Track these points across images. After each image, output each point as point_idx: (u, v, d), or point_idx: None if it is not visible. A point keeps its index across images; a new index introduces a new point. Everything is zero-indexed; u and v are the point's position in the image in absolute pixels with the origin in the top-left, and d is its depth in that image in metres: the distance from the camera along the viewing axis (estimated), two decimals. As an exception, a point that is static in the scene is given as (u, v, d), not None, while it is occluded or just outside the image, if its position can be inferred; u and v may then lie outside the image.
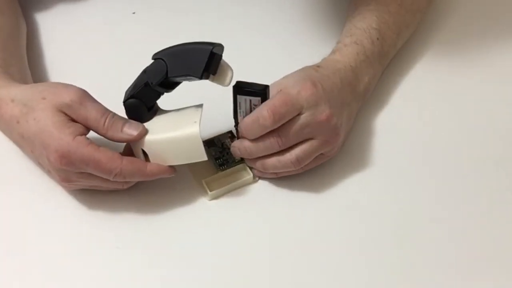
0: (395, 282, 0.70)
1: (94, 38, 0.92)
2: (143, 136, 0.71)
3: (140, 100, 0.71)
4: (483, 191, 0.77)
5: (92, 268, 0.70)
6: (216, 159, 0.77)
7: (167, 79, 0.70)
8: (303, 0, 0.96)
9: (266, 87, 0.72)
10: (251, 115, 0.72)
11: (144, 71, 0.71)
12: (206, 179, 0.76)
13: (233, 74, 0.70)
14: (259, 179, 0.77)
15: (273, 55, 0.90)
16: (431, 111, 0.85)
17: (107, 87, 0.78)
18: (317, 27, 0.93)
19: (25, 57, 0.85)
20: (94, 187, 0.73)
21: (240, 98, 0.73)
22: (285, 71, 0.76)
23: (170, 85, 0.72)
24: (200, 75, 0.68)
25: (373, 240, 0.73)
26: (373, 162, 0.79)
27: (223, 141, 0.79)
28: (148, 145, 0.71)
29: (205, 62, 0.68)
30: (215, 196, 0.75)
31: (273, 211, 0.75)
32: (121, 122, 0.71)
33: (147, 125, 0.72)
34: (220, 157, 0.77)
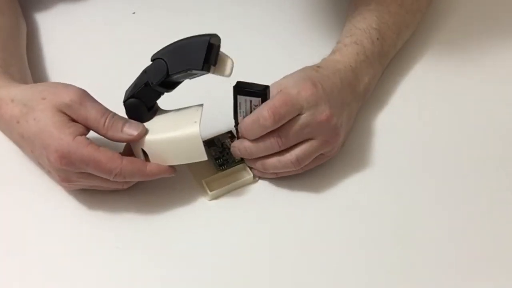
0: (395, 282, 0.70)
1: (94, 38, 0.92)
2: (143, 136, 0.71)
3: (140, 100, 0.71)
4: (483, 191, 0.77)
5: (92, 268, 0.70)
6: (216, 159, 0.77)
7: (168, 78, 0.69)
8: (303, 0, 0.96)
9: (266, 87, 0.72)
10: (251, 115, 0.72)
11: (144, 71, 0.71)
12: (206, 179, 0.76)
13: (233, 63, 0.69)
14: (259, 179, 0.77)
15: (273, 55, 0.90)
16: (431, 111, 0.85)
17: (107, 87, 0.78)
18: (317, 27, 0.93)
19: (25, 57, 0.85)
20: (94, 187, 0.73)
21: (240, 98, 0.73)
22: (285, 71, 0.76)
23: (170, 85, 0.72)
24: (201, 67, 0.67)
25: (373, 240, 0.73)
26: (373, 162, 0.79)
27: (223, 141, 0.79)
28: (148, 145, 0.71)
29: (204, 53, 0.67)
30: (215, 196, 0.75)
31: (273, 211, 0.75)
32: (121, 122, 0.71)
33: (147, 125, 0.72)
34: (220, 157, 0.77)
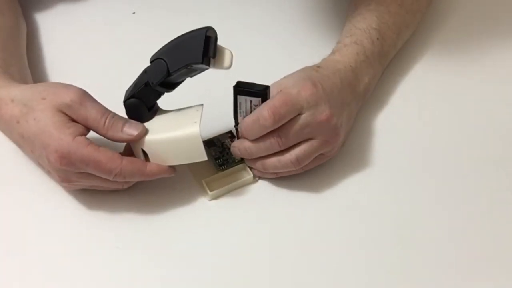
0: (395, 282, 0.70)
1: (94, 38, 0.92)
2: (143, 136, 0.71)
3: (140, 100, 0.71)
4: (483, 191, 0.77)
5: (92, 268, 0.70)
6: (216, 159, 0.77)
7: (169, 77, 0.69)
8: (303, 0, 0.96)
9: (266, 87, 0.72)
10: (251, 115, 0.72)
11: (144, 71, 0.71)
12: (206, 179, 0.76)
13: (232, 54, 0.68)
14: (259, 179, 0.77)
15: (273, 55, 0.90)
16: (431, 111, 0.85)
17: (107, 87, 0.78)
18: (317, 27, 0.93)
19: (25, 57, 0.85)
20: (94, 187, 0.73)
21: (240, 98, 0.73)
22: (285, 71, 0.76)
23: (170, 85, 0.72)
24: (201, 60, 0.67)
25: (373, 240, 0.73)
26: (373, 162, 0.79)
27: (223, 141, 0.79)
28: (148, 145, 0.71)
29: (202, 46, 0.67)
30: (215, 196, 0.75)
31: (273, 211, 0.75)
32: (121, 122, 0.71)
33: (147, 125, 0.72)
34: (220, 157, 0.77)
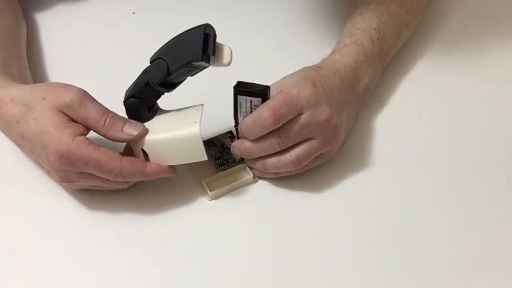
0: (395, 282, 0.70)
1: (94, 38, 0.92)
2: (143, 136, 0.71)
3: (140, 99, 0.71)
4: (483, 191, 0.77)
5: (92, 268, 0.70)
6: (216, 159, 0.77)
7: (169, 77, 0.69)
8: (303, 0, 0.96)
9: (266, 87, 0.72)
10: (252, 115, 0.72)
11: (144, 71, 0.71)
12: (206, 179, 0.76)
13: (231, 51, 0.69)
14: (259, 179, 0.77)
15: (273, 55, 0.90)
16: (431, 111, 0.85)
17: (107, 87, 0.78)
18: (317, 27, 0.93)
19: (25, 57, 0.85)
20: (94, 187, 0.73)
21: (240, 98, 0.73)
22: (285, 71, 0.76)
23: (170, 85, 0.72)
24: (201, 57, 0.67)
25: (373, 240, 0.73)
26: (373, 162, 0.79)
27: (223, 141, 0.79)
28: (148, 144, 0.71)
29: (201, 43, 0.67)
30: (215, 196, 0.75)
31: (273, 211, 0.75)
32: (121, 122, 0.71)
33: (147, 125, 0.72)
34: (220, 157, 0.77)
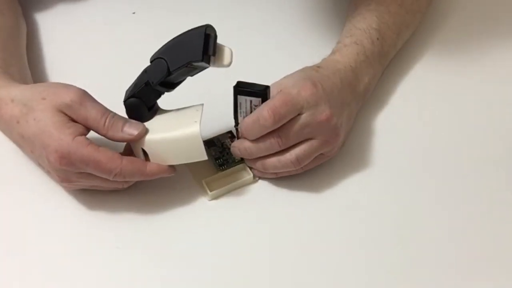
0: (395, 282, 0.70)
1: (94, 38, 0.92)
2: (144, 135, 0.71)
3: (140, 99, 0.71)
4: (483, 191, 0.77)
5: (92, 268, 0.70)
6: (216, 159, 0.77)
7: (169, 76, 0.69)
8: (303, 0, 0.96)
9: (266, 87, 0.72)
10: (252, 115, 0.72)
11: (144, 71, 0.71)
12: (206, 179, 0.76)
13: (231, 52, 0.69)
14: (259, 179, 0.77)
15: (273, 55, 0.90)
16: (431, 111, 0.85)
17: (107, 87, 0.78)
18: (317, 27, 0.93)
19: (25, 57, 0.85)
20: (94, 187, 0.73)
21: (240, 98, 0.73)
22: (285, 71, 0.76)
23: (170, 85, 0.72)
24: (201, 58, 0.67)
25: (373, 240, 0.73)
26: (373, 162, 0.79)
27: (223, 141, 0.79)
28: (148, 144, 0.71)
29: (202, 44, 0.67)
30: (215, 196, 0.75)
31: (273, 211, 0.75)
32: (122, 121, 0.71)
33: (148, 125, 0.72)
34: (220, 157, 0.77)
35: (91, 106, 0.70)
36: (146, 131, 0.71)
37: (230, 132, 0.79)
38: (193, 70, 0.70)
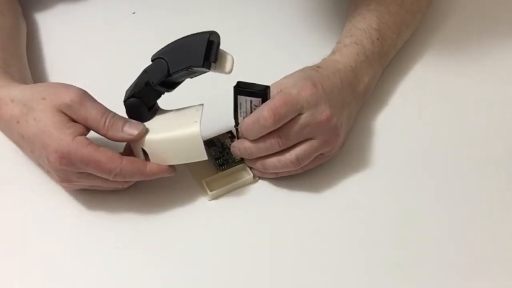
0: (395, 282, 0.70)
1: (94, 38, 0.92)
2: (144, 135, 0.71)
3: (140, 99, 0.71)
4: (483, 191, 0.77)
5: (92, 268, 0.70)
6: (216, 159, 0.77)
7: (169, 77, 0.70)
8: (303, 0, 0.96)
9: (266, 87, 0.72)
10: (252, 115, 0.72)
11: (145, 71, 0.71)
12: (206, 179, 0.76)
13: (233, 59, 0.69)
14: (259, 179, 0.77)
15: (273, 55, 0.90)
16: (431, 111, 0.85)
17: (107, 87, 0.78)
18: (317, 27, 0.93)
19: (25, 57, 0.85)
20: (94, 187, 0.73)
21: (240, 98, 0.73)
22: (285, 71, 0.76)
23: (171, 85, 0.72)
24: (201, 64, 0.67)
25: (373, 240, 0.73)
26: (373, 162, 0.79)
27: (223, 141, 0.79)
28: (148, 144, 0.71)
29: (204, 50, 0.67)
30: (215, 196, 0.75)
31: (273, 211, 0.75)
32: (122, 121, 0.71)
33: (148, 125, 0.72)
34: (220, 157, 0.77)
35: (91, 106, 0.70)
36: (146, 131, 0.71)
37: (230, 132, 0.79)
38: (193, 73, 0.70)
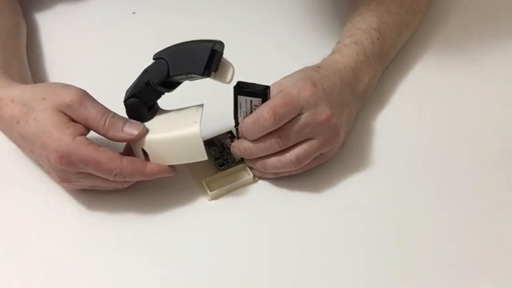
0: (395, 282, 0.70)
1: (94, 38, 0.92)
2: (144, 135, 0.71)
3: (140, 99, 0.71)
4: (483, 191, 0.77)
5: (92, 268, 0.70)
6: (216, 159, 0.77)
7: (169, 78, 0.70)
8: (303, 0, 0.96)
9: (266, 87, 0.72)
10: (252, 115, 0.72)
11: (145, 71, 0.71)
12: (206, 179, 0.76)
13: (234, 70, 0.69)
14: (259, 179, 0.77)
15: (273, 55, 0.90)
16: (431, 111, 0.85)
17: (107, 87, 0.78)
18: (317, 27, 0.93)
19: (25, 57, 0.85)
20: (94, 187, 0.73)
21: (240, 98, 0.73)
22: (285, 71, 0.76)
23: (171, 85, 0.72)
24: (201, 72, 0.68)
25: (373, 240, 0.73)
26: (373, 162, 0.79)
27: (223, 141, 0.79)
28: (148, 144, 0.71)
29: (206, 59, 0.67)
30: (215, 196, 0.75)
31: (273, 211, 0.75)
32: (122, 121, 0.71)
33: (148, 125, 0.72)
34: (220, 157, 0.77)
35: (91, 106, 0.70)
36: (146, 131, 0.71)
37: (230, 132, 0.79)
38: (192, 78, 0.70)
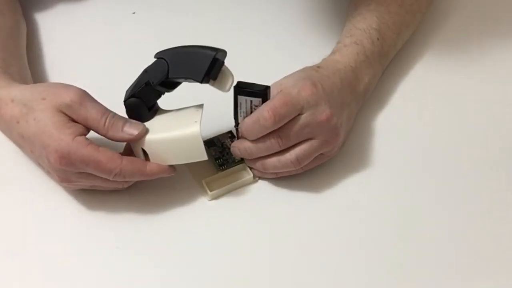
0: (395, 282, 0.70)
1: (94, 38, 0.92)
2: (144, 135, 0.71)
3: (140, 99, 0.71)
4: (483, 191, 0.77)
5: (92, 268, 0.70)
6: (216, 159, 0.77)
7: (168, 79, 0.70)
8: (303, 0, 0.96)
9: (266, 87, 0.72)
10: (252, 116, 0.72)
11: (145, 71, 0.71)
12: (206, 179, 0.76)
13: (233, 81, 0.70)
14: (259, 179, 0.77)
15: (273, 55, 0.90)
16: (431, 111, 0.85)
17: (107, 87, 0.78)
18: (317, 27, 0.93)
19: (25, 57, 0.85)
20: (94, 187, 0.73)
21: (240, 98, 0.73)
22: (285, 71, 0.76)
23: (171, 85, 0.72)
24: (201, 79, 0.68)
25: (373, 240, 0.73)
26: (373, 162, 0.79)
27: (223, 141, 0.79)
28: (148, 144, 0.71)
29: (207, 67, 0.68)
30: (215, 196, 0.75)
31: (273, 211, 0.75)
32: (122, 121, 0.71)
33: (148, 125, 0.72)
34: (220, 157, 0.77)
35: (91, 106, 0.70)
36: (146, 131, 0.71)
37: (230, 132, 0.79)
38: (191, 81, 0.70)
